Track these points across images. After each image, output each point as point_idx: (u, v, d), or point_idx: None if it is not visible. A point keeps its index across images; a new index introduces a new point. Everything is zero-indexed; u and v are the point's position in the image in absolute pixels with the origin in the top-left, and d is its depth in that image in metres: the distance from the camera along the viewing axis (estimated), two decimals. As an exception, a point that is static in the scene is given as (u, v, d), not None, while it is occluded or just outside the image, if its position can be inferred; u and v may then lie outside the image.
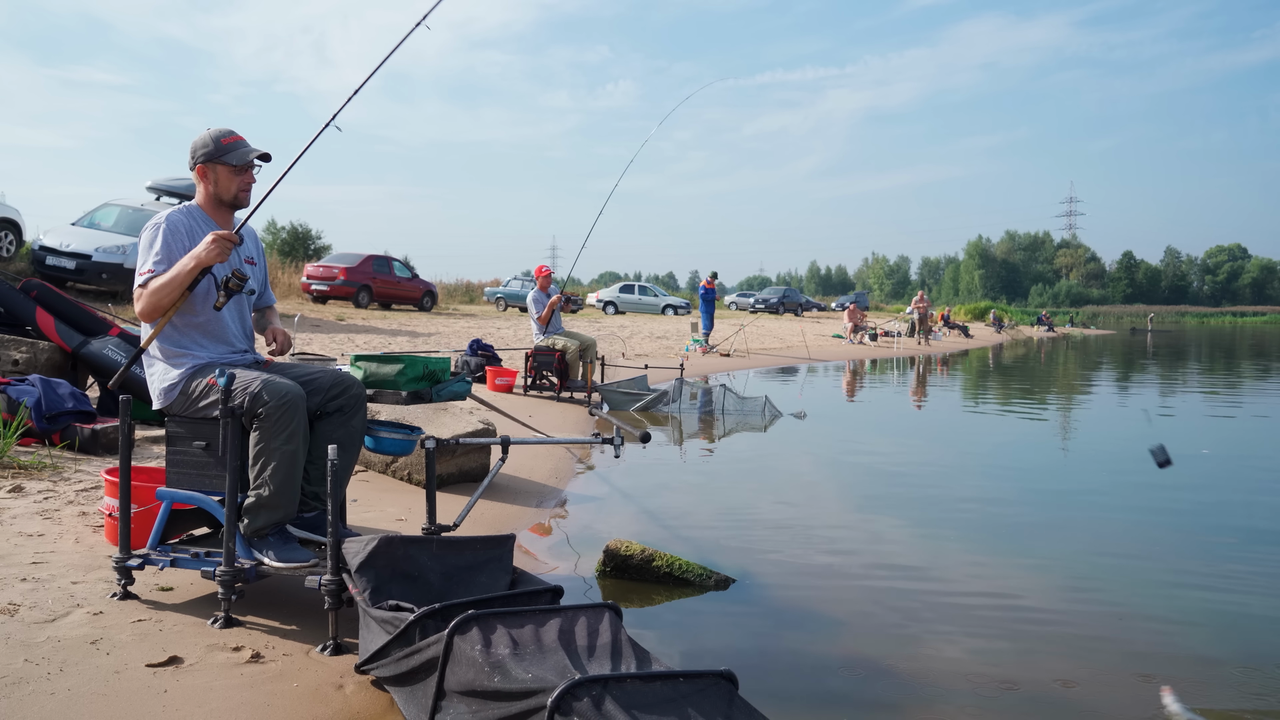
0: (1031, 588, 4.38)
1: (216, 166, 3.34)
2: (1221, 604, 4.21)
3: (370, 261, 24.33)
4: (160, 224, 3.24)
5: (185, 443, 3.29)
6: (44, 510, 4.23)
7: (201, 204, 3.40)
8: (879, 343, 28.01)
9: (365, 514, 4.76)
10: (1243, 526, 5.71)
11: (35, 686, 2.59)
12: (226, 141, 3.34)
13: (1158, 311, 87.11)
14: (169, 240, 3.22)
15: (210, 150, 3.33)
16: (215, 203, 3.39)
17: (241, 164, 3.34)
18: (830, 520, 5.80)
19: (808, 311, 47.69)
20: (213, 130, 3.36)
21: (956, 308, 53.31)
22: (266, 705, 2.63)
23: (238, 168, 3.35)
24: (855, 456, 8.49)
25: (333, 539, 2.95)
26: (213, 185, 3.37)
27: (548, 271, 11.21)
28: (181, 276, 3.12)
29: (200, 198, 3.41)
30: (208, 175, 3.36)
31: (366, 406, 3.47)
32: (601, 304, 37.10)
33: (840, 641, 3.62)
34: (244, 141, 3.39)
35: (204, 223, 3.34)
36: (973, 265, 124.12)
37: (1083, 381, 18.44)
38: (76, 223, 15.67)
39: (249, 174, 3.39)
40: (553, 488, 6.22)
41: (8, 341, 6.22)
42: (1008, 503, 6.48)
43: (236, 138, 3.37)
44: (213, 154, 3.33)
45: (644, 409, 10.51)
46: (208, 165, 3.34)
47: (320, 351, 9.50)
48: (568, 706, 1.99)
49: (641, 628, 3.63)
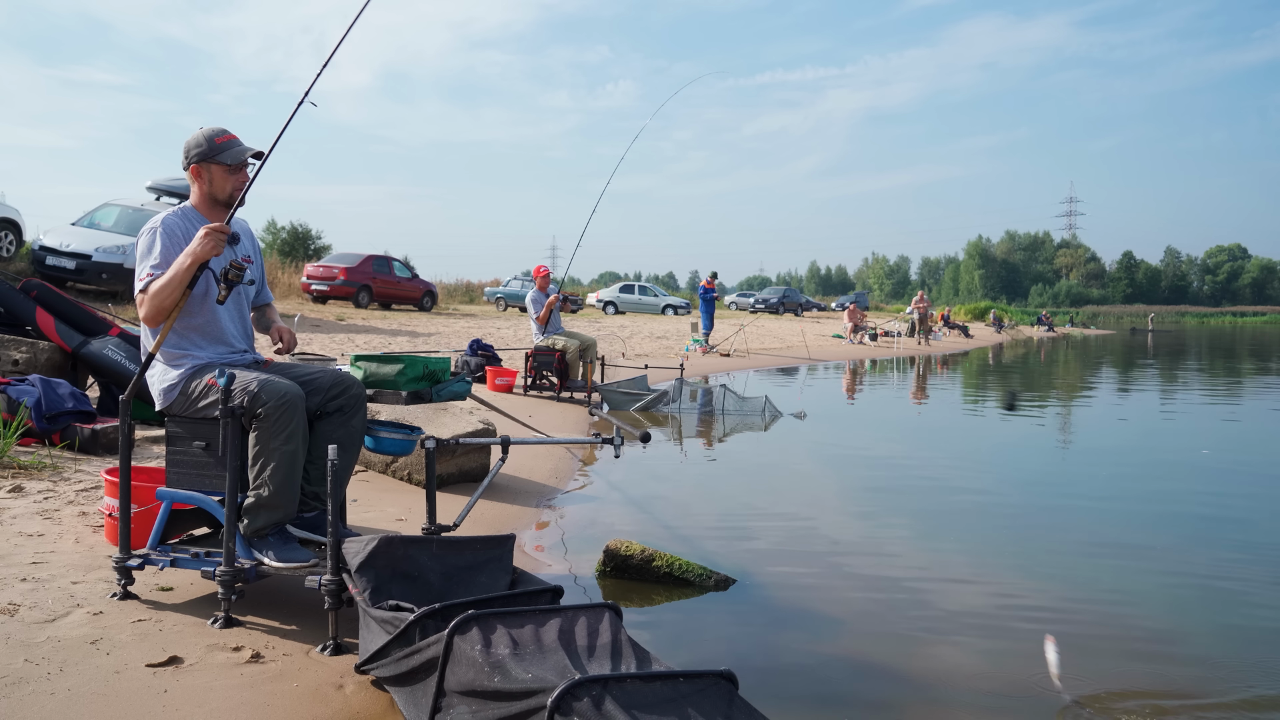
0: (1031, 587, 4.38)
1: (211, 166, 3.33)
2: (1222, 604, 4.21)
3: (370, 261, 24.34)
4: (156, 228, 3.24)
5: (185, 443, 3.29)
6: (44, 510, 4.23)
7: (196, 204, 3.39)
8: (879, 343, 28.01)
9: (365, 514, 4.76)
10: (1243, 526, 5.71)
11: (35, 686, 2.59)
12: (220, 141, 3.33)
13: (1158, 312, 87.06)
14: (165, 244, 3.21)
15: (204, 150, 3.32)
16: (210, 202, 3.38)
17: (235, 163, 3.34)
18: (830, 520, 5.80)
19: (808, 311, 47.70)
20: (205, 129, 3.35)
21: (956, 308, 53.31)
22: (266, 705, 2.63)
23: (232, 167, 3.34)
24: (855, 457, 8.49)
25: (333, 539, 2.95)
26: (207, 185, 3.36)
27: (546, 271, 11.23)
28: (180, 275, 3.12)
29: (195, 198, 3.40)
30: (202, 175, 3.35)
31: (367, 406, 3.47)
32: (601, 304, 37.11)
33: (840, 641, 3.62)
34: (237, 140, 3.38)
35: (199, 223, 3.32)
36: (973, 265, 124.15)
37: (1083, 382, 18.44)
38: (76, 223, 15.68)
39: (243, 173, 3.38)
40: (553, 488, 6.22)
41: (8, 341, 6.22)
42: (1008, 503, 6.48)
43: (230, 136, 3.36)
44: (206, 153, 3.32)
45: (644, 409, 10.51)
46: (202, 165, 3.33)
47: (320, 351, 9.49)
48: (568, 706, 1.99)
49: (641, 628, 3.63)
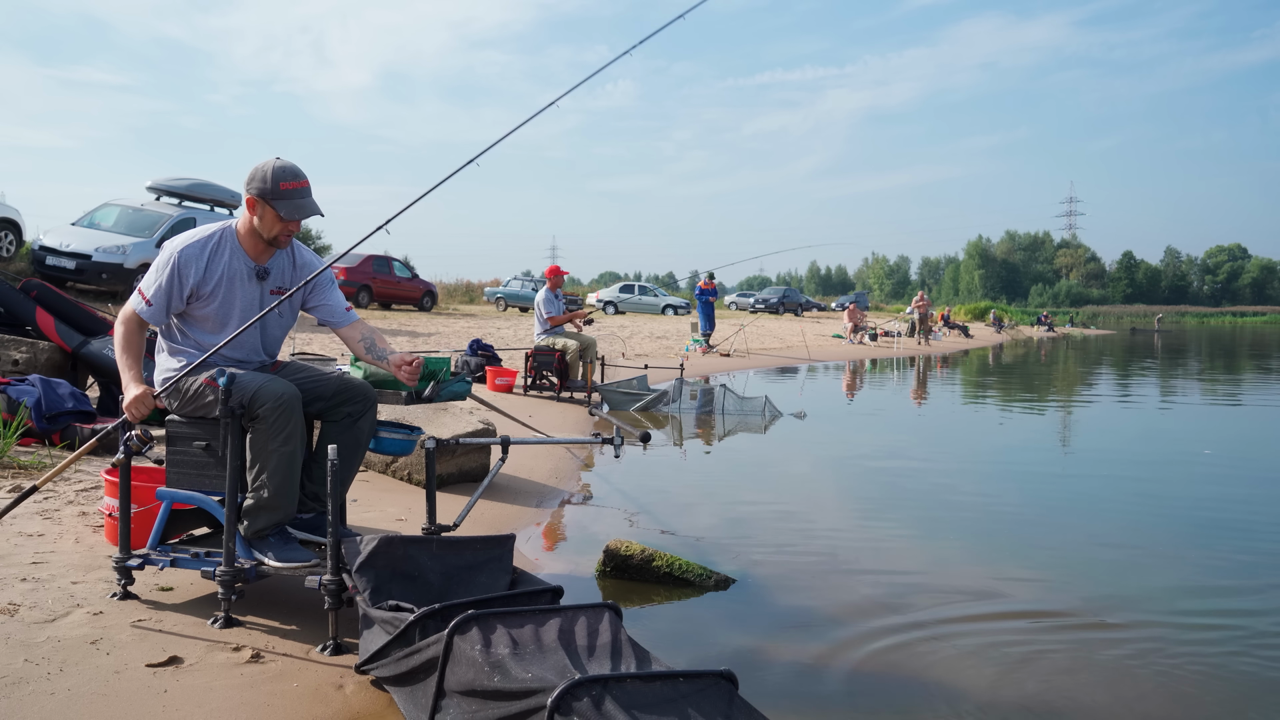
0: (1031, 587, 4.38)
1: (266, 206, 3.23)
2: (1222, 604, 4.21)
3: (370, 261, 24.33)
4: (173, 257, 3.19)
5: (185, 443, 3.29)
6: (44, 510, 4.23)
7: (241, 230, 3.31)
8: (879, 343, 28.01)
9: (365, 514, 4.76)
10: (1243, 526, 5.71)
11: (35, 686, 2.59)
12: (285, 187, 3.20)
13: (1157, 312, 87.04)
14: (170, 278, 3.19)
15: (265, 190, 3.20)
16: (255, 236, 3.30)
17: (290, 219, 3.25)
18: (830, 520, 5.80)
19: (808, 311, 47.69)
20: (278, 166, 3.23)
21: (957, 308, 53.29)
22: (266, 705, 2.63)
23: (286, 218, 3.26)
24: (855, 456, 8.49)
25: (333, 539, 2.95)
26: (257, 219, 3.26)
27: (559, 270, 11.10)
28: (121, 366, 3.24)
29: (242, 223, 3.31)
30: (255, 208, 3.24)
31: (376, 410, 3.47)
32: (601, 304, 37.12)
33: (840, 641, 3.61)
34: (306, 191, 3.25)
35: (236, 256, 3.28)
36: (973, 265, 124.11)
37: (1083, 383, 18.44)
38: (76, 223, 15.68)
39: (296, 224, 3.30)
40: (553, 488, 6.22)
41: (8, 341, 6.22)
42: (1008, 503, 6.48)
43: (299, 184, 3.23)
44: (266, 194, 3.20)
45: (644, 409, 10.51)
46: (257, 200, 3.24)
47: (320, 352, 9.50)
48: (568, 706, 1.99)
49: (641, 628, 3.63)
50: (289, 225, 3.27)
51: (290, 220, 3.25)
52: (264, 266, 3.34)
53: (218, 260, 3.26)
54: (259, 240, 3.30)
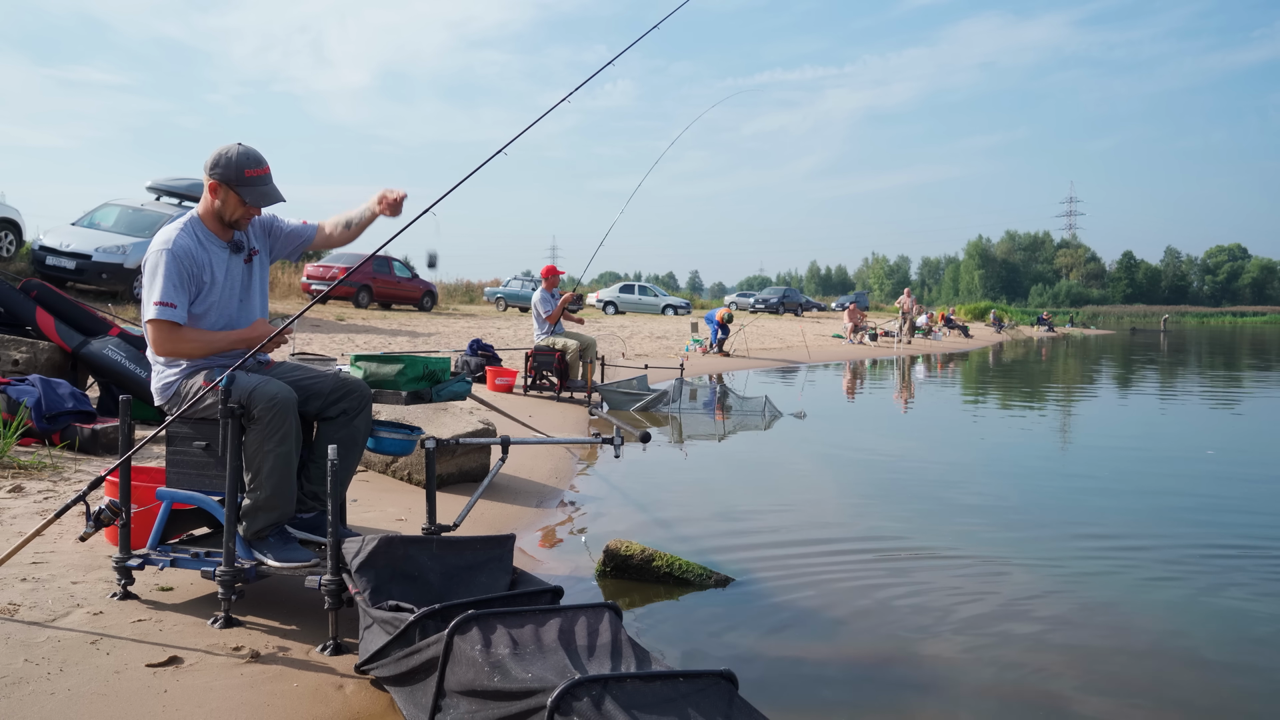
0: (1032, 587, 4.38)
1: (230, 191, 3.27)
2: (1222, 604, 4.21)
3: (370, 262, 24.30)
4: (164, 251, 3.19)
5: (185, 443, 3.29)
6: (44, 510, 4.23)
7: (203, 214, 3.34)
8: (879, 343, 28.01)
9: (365, 514, 4.76)
10: (1244, 525, 5.71)
11: (35, 686, 2.59)
12: (249, 174, 3.25)
13: (1157, 312, 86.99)
14: (173, 271, 3.18)
15: (229, 176, 3.24)
16: (217, 219, 3.33)
17: (253, 205, 3.31)
18: (830, 520, 5.80)
19: (808, 311, 47.67)
20: (241, 151, 3.27)
21: (957, 308, 53.28)
22: (266, 705, 2.63)
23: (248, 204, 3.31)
24: (855, 456, 8.49)
25: (333, 539, 2.95)
26: (219, 203, 3.30)
27: (557, 270, 11.21)
28: (218, 346, 3.24)
29: (204, 207, 3.34)
30: (217, 192, 3.28)
31: (372, 408, 3.47)
32: (601, 304, 37.09)
33: (840, 641, 3.62)
34: (267, 178, 3.30)
35: (208, 241, 3.31)
36: (973, 265, 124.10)
37: (1084, 383, 18.44)
38: (76, 223, 15.67)
39: (259, 209, 3.36)
40: (553, 488, 6.22)
41: (8, 341, 6.22)
42: (1008, 503, 6.48)
43: (261, 171, 3.28)
44: (231, 180, 3.25)
45: (644, 409, 10.51)
46: (220, 185, 3.27)
47: (320, 352, 9.50)
48: (568, 706, 1.99)
49: (641, 628, 3.64)
50: (251, 210, 3.34)
51: (253, 206, 3.33)
52: (234, 240, 3.38)
53: (201, 250, 3.28)
54: (222, 224, 3.36)
